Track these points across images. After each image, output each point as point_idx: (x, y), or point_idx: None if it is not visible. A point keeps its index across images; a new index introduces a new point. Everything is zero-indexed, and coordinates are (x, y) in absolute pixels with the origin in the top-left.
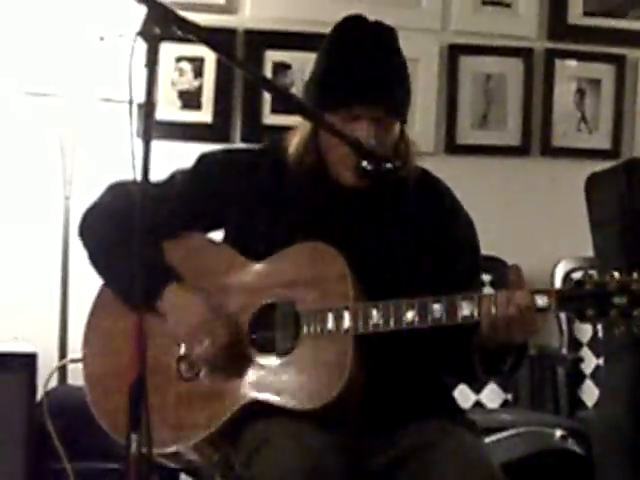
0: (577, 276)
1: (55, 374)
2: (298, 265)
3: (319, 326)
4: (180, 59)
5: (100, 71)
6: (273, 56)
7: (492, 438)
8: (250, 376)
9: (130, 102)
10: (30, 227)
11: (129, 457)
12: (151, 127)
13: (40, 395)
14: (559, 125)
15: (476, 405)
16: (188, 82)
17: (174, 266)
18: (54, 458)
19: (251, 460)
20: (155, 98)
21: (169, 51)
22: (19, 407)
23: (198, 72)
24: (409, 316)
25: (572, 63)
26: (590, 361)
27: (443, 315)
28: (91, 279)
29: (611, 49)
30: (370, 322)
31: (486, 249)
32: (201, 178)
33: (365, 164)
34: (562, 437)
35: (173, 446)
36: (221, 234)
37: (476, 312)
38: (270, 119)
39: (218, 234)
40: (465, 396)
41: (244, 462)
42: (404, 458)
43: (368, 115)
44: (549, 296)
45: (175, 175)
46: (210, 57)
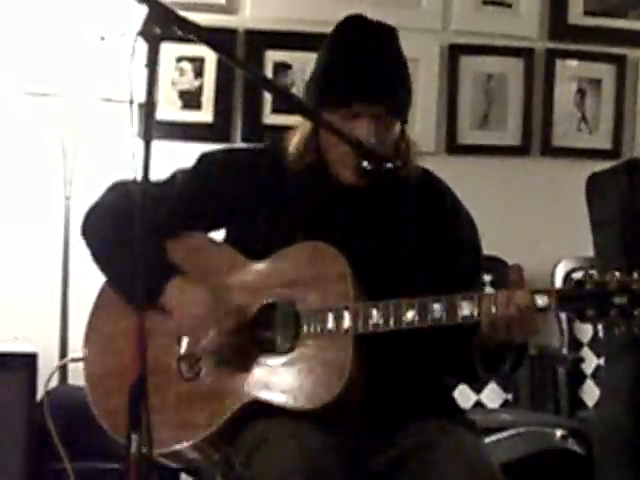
0: (578, 276)
1: (55, 374)
2: (298, 265)
3: (319, 326)
4: (181, 59)
5: (101, 71)
6: (273, 56)
7: (492, 438)
8: (250, 375)
9: (131, 102)
10: (30, 227)
11: (129, 457)
12: (151, 127)
13: (40, 395)
14: (559, 125)
15: (476, 405)
16: (189, 82)
17: (176, 263)
18: (54, 458)
19: (251, 460)
20: (155, 98)
21: (170, 51)
22: (19, 407)
23: (198, 72)
24: (409, 316)
25: (573, 63)
26: (591, 361)
27: (443, 315)
28: (91, 279)
29: (612, 49)
30: (370, 322)
31: (486, 249)
32: (201, 178)
33: (365, 164)
34: (562, 437)
35: (173, 446)
36: (222, 234)
37: (476, 312)
38: (270, 119)
39: (219, 234)
40: (465, 396)
41: (244, 462)
42: (404, 458)
43: (368, 113)
44: (549, 296)
45: (176, 175)
46: (211, 57)
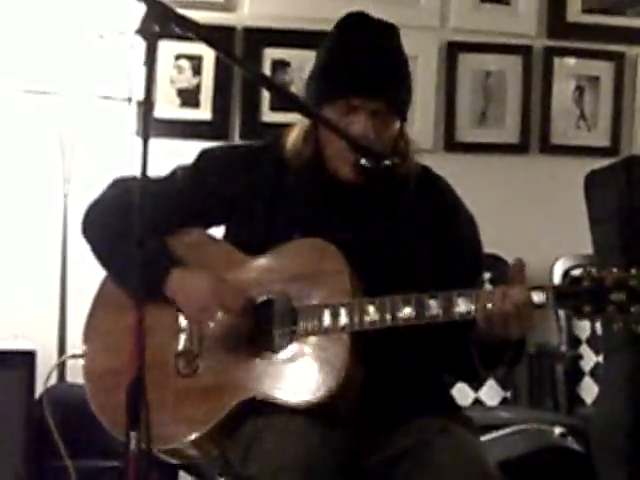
0: (576, 273)
1: (54, 371)
2: (296, 261)
3: (316, 323)
4: (179, 57)
5: (99, 69)
6: (272, 54)
7: (491, 436)
8: (248, 372)
9: (129, 100)
10: (29, 225)
11: (128, 454)
12: (150, 125)
13: (39, 392)
14: (558, 122)
15: (475, 403)
16: (187, 80)
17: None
18: (54, 455)
19: (248, 455)
20: (154, 96)
21: (168, 49)
22: (18, 405)
23: (197, 70)
24: (406, 312)
25: (571, 60)
26: (589, 358)
27: (440, 311)
28: (90, 276)
29: (610, 46)
30: (367, 318)
31: (485, 246)
32: (201, 174)
33: (363, 161)
34: (561, 435)
35: (172, 442)
36: (222, 230)
37: (473, 308)
38: (269, 116)
39: (219, 230)
40: (464, 394)
41: (241, 458)
42: (401, 456)
43: (367, 107)
44: (546, 292)
45: (176, 171)
46: (209, 55)
